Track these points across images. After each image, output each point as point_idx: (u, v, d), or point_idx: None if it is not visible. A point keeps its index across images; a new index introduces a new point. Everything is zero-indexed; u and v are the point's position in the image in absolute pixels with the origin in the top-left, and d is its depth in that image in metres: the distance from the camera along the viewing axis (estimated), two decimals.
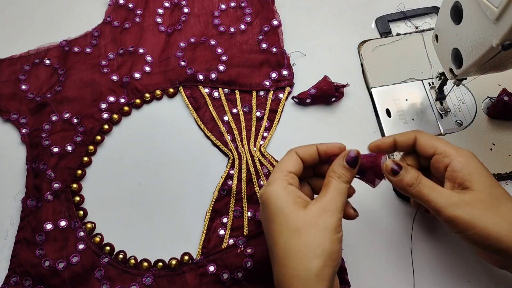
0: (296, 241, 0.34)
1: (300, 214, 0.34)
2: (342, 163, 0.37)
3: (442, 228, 0.46)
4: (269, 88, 0.54)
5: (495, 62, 0.37)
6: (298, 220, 0.34)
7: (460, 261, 0.45)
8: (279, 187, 0.36)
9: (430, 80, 0.53)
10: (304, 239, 0.34)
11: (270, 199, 0.36)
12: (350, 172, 0.37)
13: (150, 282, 0.45)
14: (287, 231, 0.34)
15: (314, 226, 0.34)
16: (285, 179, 0.36)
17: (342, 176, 0.37)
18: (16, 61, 0.59)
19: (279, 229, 0.35)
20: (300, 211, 0.35)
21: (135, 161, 0.52)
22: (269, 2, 0.59)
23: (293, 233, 0.34)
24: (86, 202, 0.50)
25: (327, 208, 0.35)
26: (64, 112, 0.53)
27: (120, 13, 0.61)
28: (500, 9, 0.31)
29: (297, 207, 0.35)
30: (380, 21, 0.58)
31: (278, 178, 0.36)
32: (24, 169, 0.52)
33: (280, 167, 0.38)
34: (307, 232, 0.34)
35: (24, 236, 0.48)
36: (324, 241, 0.34)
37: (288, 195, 0.35)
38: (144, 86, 0.55)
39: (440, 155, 0.37)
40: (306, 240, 0.34)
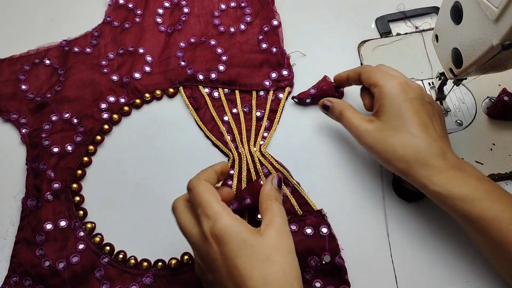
0: (271, 269, 0.32)
1: (263, 241, 0.33)
2: (274, 186, 0.39)
3: (442, 228, 0.46)
4: (269, 88, 0.54)
5: (495, 62, 0.37)
6: (265, 248, 0.33)
7: (460, 261, 0.45)
8: (230, 219, 0.33)
9: (430, 80, 0.53)
10: (278, 265, 0.33)
11: (228, 234, 0.33)
12: (280, 193, 0.39)
13: (150, 282, 0.45)
14: (259, 261, 0.32)
15: (281, 250, 0.34)
16: (229, 209, 0.35)
17: (278, 198, 0.38)
18: (16, 61, 0.59)
19: (249, 262, 0.32)
20: (260, 239, 0.33)
21: (135, 161, 0.52)
22: (269, 2, 0.59)
23: (266, 262, 0.33)
24: (86, 202, 0.50)
25: (283, 231, 0.35)
26: (64, 112, 0.53)
27: (120, 13, 0.61)
28: (500, 9, 0.31)
29: (255, 234, 0.34)
30: (380, 21, 0.58)
31: (224, 210, 0.34)
32: (24, 169, 0.52)
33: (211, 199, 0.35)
34: (278, 258, 0.33)
35: (24, 236, 0.48)
36: (294, 262, 0.34)
37: (243, 225, 0.34)
38: (144, 86, 0.55)
39: (372, 86, 0.43)
40: (281, 265, 0.33)
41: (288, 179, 0.49)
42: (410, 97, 0.41)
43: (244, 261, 0.32)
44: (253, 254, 0.33)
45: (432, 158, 0.39)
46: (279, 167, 0.49)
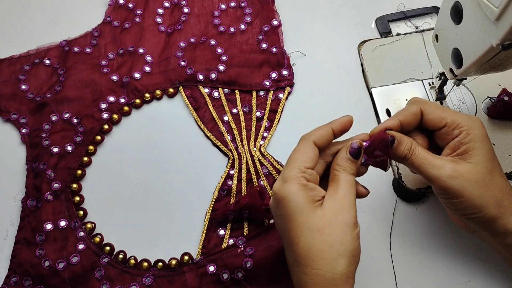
0: (318, 241, 0.33)
1: (319, 212, 0.34)
2: (346, 156, 0.36)
3: (442, 228, 0.46)
4: (269, 88, 0.54)
5: (495, 62, 0.37)
6: (319, 219, 0.33)
7: (460, 261, 0.45)
8: (297, 186, 0.34)
9: (430, 80, 0.53)
10: (326, 238, 0.33)
11: (287, 199, 0.34)
12: (355, 164, 0.36)
13: (150, 282, 0.45)
14: (309, 231, 0.33)
15: (335, 224, 0.33)
16: (303, 177, 0.35)
17: (347, 168, 0.36)
18: (16, 61, 0.59)
19: (299, 229, 0.34)
20: (318, 210, 0.34)
21: (135, 161, 0.52)
22: (269, 2, 0.59)
23: (314, 233, 0.33)
24: (86, 202, 0.50)
25: (343, 204, 0.34)
26: (64, 112, 0.53)
27: (120, 13, 0.61)
28: (500, 9, 0.31)
29: (315, 205, 0.34)
30: (380, 21, 0.58)
31: (294, 177, 0.35)
32: (24, 169, 0.52)
33: (296, 161, 0.35)
34: (329, 231, 0.33)
35: (24, 236, 0.48)
36: (346, 239, 0.33)
37: (307, 194, 0.34)
38: (144, 86, 0.55)
39: (450, 128, 0.37)
40: (328, 239, 0.33)
41: None
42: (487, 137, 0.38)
43: (295, 227, 0.34)
44: (305, 223, 0.33)
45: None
46: (279, 167, 0.50)
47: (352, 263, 0.33)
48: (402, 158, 0.37)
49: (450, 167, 0.36)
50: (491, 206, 0.36)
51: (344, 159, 0.36)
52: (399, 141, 0.37)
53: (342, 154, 0.36)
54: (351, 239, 0.33)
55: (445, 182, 0.36)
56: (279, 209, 0.35)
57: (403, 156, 0.37)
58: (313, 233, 0.33)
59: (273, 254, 0.44)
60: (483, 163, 0.36)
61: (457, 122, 0.37)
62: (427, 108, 0.38)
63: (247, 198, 0.45)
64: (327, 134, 0.37)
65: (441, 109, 0.38)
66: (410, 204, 0.48)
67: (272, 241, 0.45)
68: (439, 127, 0.38)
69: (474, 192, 0.36)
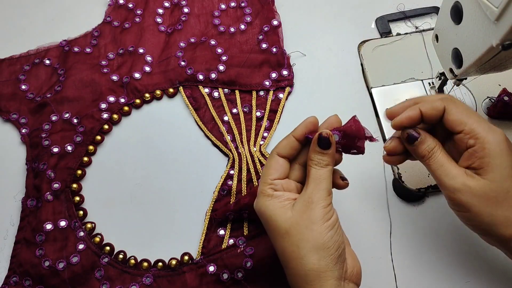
0: (288, 243, 0.34)
1: (288, 214, 0.35)
2: (316, 148, 0.36)
3: (442, 227, 0.46)
4: (269, 88, 0.54)
5: (495, 62, 0.37)
6: (286, 222, 0.35)
7: (460, 261, 0.45)
8: (264, 198, 0.36)
9: (430, 80, 0.53)
10: (293, 239, 0.34)
11: (260, 211, 0.36)
12: (327, 155, 0.36)
13: (150, 282, 0.45)
14: (279, 235, 0.35)
15: (300, 223, 0.34)
16: (270, 188, 0.36)
17: (320, 162, 0.36)
18: (16, 61, 0.59)
19: (273, 235, 0.35)
20: (287, 213, 0.35)
21: (135, 161, 0.52)
22: (269, 2, 0.59)
23: (284, 236, 0.34)
24: (86, 202, 0.50)
25: (309, 201, 0.35)
26: (64, 112, 0.53)
27: (120, 13, 0.61)
28: (500, 9, 0.31)
29: (284, 210, 0.35)
30: (380, 21, 0.58)
31: (262, 190, 0.37)
32: (24, 169, 0.52)
33: (264, 176, 0.37)
34: (295, 232, 0.34)
35: (24, 236, 0.48)
36: (312, 235, 0.34)
37: (274, 203, 0.36)
38: (144, 86, 0.55)
39: (466, 135, 0.35)
40: (295, 239, 0.34)
41: None
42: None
43: (270, 234, 0.36)
44: (276, 228, 0.35)
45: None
46: None
47: (324, 256, 0.33)
48: (421, 157, 0.37)
49: (461, 181, 0.35)
50: (503, 226, 0.34)
51: (313, 152, 0.36)
52: (421, 140, 0.36)
53: (312, 147, 0.36)
54: (318, 234, 0.34)
55: (453, 194, 0.35)
56: (262, 222, 0.37)
57: (421, 156, 0.37)
58: (283, 236, 0.34)
59: (273, 254, 0.43)
60: (499, 182, 0.34)
61: (475, 132, 0.35)
62: (451, 107, 0.36)
63: (247, 198, 0.45)
64: (289, 143, 0.37)
65: (465, 113, 0.36)
66: (410, 204, 0.48)
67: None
68: (456, 130, 0.36)
69: (483, 209, 0.34)
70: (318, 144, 0.36)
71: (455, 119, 0.36)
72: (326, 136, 0.36)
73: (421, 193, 0.47)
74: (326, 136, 0.36)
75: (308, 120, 0.38)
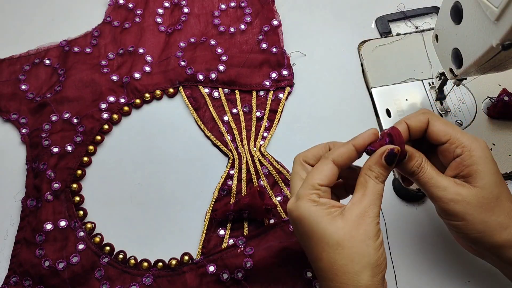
0: (340, 256, 0.32)
1: (338, 224, 0.33)
2: (381, 161, 0.34)
3: (442, 228, 0.46)
4: (269, 88, 0.54)
5: (495, 62, 0.37)
6: (338, 232, 0.32)
7: (460, 261, 0.45)
8: (309, 203, 0.34)
9: (430, 80, 0.53)
10: (347, 252, 0.32)
11: (302, 216, 0.34)
12: (387, 171, 0.34)
13: (150, 282, 0.45)
14: (329, 246, 0.33)
15: (355, 236, 0.32)
16: (315, 193, 0.34)
17: (380, 175, 0.34)
18: (16, 61, 0.59)
19: (320, 245, 0.33)
20: (337, 222, 0.33)
21: (135, 161, 0.52)
22: (269, 2, 0.59)
23: (335, 248, 0.32)
24: (86, 202, 0.50)
25: (366, 215, 0.33)
26: (64, 112, 0.53)
27: (120, 13, 0.61)
28: (500, 9, 0.31)
29: (332, 218, 0.33)
30: (380, 21, 0.58)
31: (306, 194, 0.34)
32: (24, 169, 0.52)
33: (311, 180, 0.35)
34: (350, 245, 0.32)
35: (24, 236, 0.48)
36: (368, 251, 0.32)
37: (320, 208, 0.33)
38: (144, 86, 0.55)
39: (452, 145, 0.36)
40: (350, 253, 0.32)
41: (288, 179, 0.49)
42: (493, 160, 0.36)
43: (315, 243, 0.33)
44: (324, 237, 0.33)
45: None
46: (279, 167, 0.50)
47: (377, 273, 0.32)
48: (410, 173, 0.36)
49: (454, 190, 0.35)
50: (496, 231, 0.34)
51: (378, 164, 0.34)
52: (410, 156, 0.36)
53: (376, 159, 0.34)
54: (373, 250, 0.32)
55: (447, 204, 0.35)
56: (297, 227, 0.35)
57: (411, 172, 0.36)
58: (333, 247, 0.32)
59: (273, 254, 0.44)
60: (489, 188, 0.35)
61: (461, 141, 0.35)
62: (434, 119, 0.37)
63: (247, 198, 0.45)
64: (348, 152, 0.35)
65: (448, 125, 0.37)
66: (410, 204, 0.48)
67: (272, 241, 0.45)
68: (442, 141, 0.36)
69: (476, 217, 0.34)
70: (386, 159, 0.34)
71: (440, 130, 0.36)
72: (397, 152, 0.34)
73: (421, 193, 0.47)
74: (397, 153, 0.34)
75: (370, 131, 0.36)
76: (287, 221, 0.46)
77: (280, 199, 0.48)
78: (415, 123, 0.37)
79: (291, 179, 0.37)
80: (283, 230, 0.46)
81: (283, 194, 0.48)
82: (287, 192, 0.48)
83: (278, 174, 0.49)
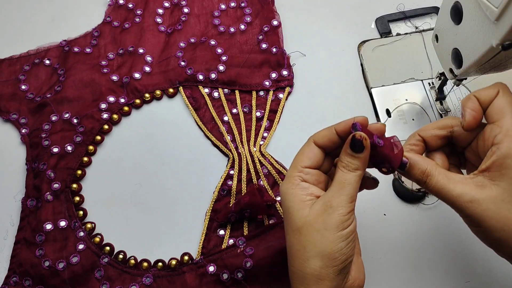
0: (296, 241, 0.33)
1: (304, 212, 0.33)
2: (346, 150, 0.33)
3: (442, 228, 0.46)
4: (269, 88, 0.54)
5: (495, 62, 0.37)
6: (300, 219, 0.33)
7: (460, 261, 0.45)
8: (289, 184, 0.35)
9: (430, 80, 0.53)
10: (302, 239, 0.33)
11: (282, 197, 0.35)
12: (357, 159, 0.33)
13: (150, 282, 0.45)
14: (291, 229, 0.34)
15: (313, 225, 0.33)
16: (298, 176, 0.34)
17: (348, 165, 0.33)
18: (16, 61, 0.59)
19: (286, 227, 0.35)
20: (304, 210, 0.33)
21: (135, 161, 0.52)
22: (269, 2, 0.59)
23: (295, 233, 0.33)
24: (86, 202, 0.50)
25: (328, 205, 0.33)
26: (64, 112, 0.53)
27: (120, 13, 0.61)
28: (500, 9, 0.31)
29: (303, 206, 0.33)
30: (380, 21, 0.58)
31: (290, 175, 0.35)
32: (24, 169, 0.52)
33: (295, 161, 0.35)
34: (306, 232, 0.33)
35: (24, 236, 0.48)
36: (322, 241, 0.32)
37: (296, 193, 0.34)
38: (144, 86, 0.55)
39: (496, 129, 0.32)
40: (304, 240, 0.33)
41: None
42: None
43: (285, 224, 0.35)
44: (289, 221, 0.34)
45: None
46: (279, 167, 0.50)
47: (328, 265, 0.32)
48: (418, 182, 0.34)
49: (469, 197, 0.32)
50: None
51: (344, 153, 0.34)
52: (411, 165, 0.34)
53: (344, 147, 0.34)
54: (329, 242, 0.32)
55: (461, 211, 0.32)
56: (281, 204, 0.37)
57: (417, 180, 0.34)
58: (293, 232, 0.34)
59: (273, 254, 0.44)
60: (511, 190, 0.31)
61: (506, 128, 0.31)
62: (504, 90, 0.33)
63: (247, 197, 0.45)
64: (328, 134, 0.35)
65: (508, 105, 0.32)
66: (410, 204, 0.48)
67: (272, 241, 0.45)
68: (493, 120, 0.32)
69: (494, 224, 0.31)
70: (350, 146, 0.33)
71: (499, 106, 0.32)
72: (359, 138, 0.32)
73: (421, 193, 0.47)
74: (359, 139, 0.32)
75: (356, 118, 0.34)
76: None
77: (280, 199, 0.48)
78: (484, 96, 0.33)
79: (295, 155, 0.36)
80: (283, 230, 0.45)
81: None
82: None
83: (278, 174, 0.49)
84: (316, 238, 0.32)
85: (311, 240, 0.33)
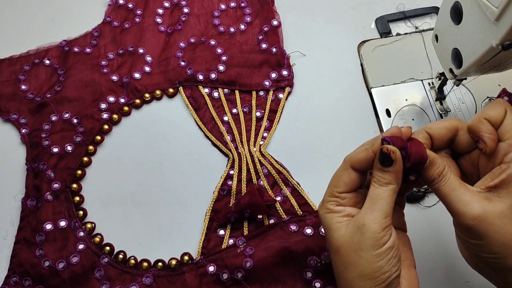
0: (338, 261, 0.33)
1: (341, 232, 0.33)
2: (377, 164, 0.32)
3: (442, 228, 0.46)
4: (269, 88, 0.54)
5: (495, 62, 0.37)
6: (338, 240, 0.33)
7: (460, 261, 0.45)
8: (325, 210, 0.35)
9: (430, 80, 0.53)
10: (343, 260, 0.33)
11: (320, 218, 0.35)
12: (387, 173, 0.32)
13: (150, 282, 0.45)
14: (332, 250, 0.34)
15: (349, 246, 0.32)
16: (335, 201, 0.34)
17: (379, 179, 0.32)
18: (16, 61, 0.59)
19: (328, 247, 0.36)
20: (341, 230, 0.33)
21: (135, 161, 0.52)
22: (269, 2, 0.59)
23: (335, 253, 0.33)
24: (86, 202, 0.50)
25: (361, 223, 0.32)
26: (64, 112, 0.53)
27: (120, 13, 0.61)
28: (500, 9, 0.31)
29: (339, 226, 0.33)
30: (380, 21, 0.58)
31: (326, 200, 0.35)
32: (24, 169, 0.52)
33: (331, 186, 0.35)
34: (344, 253, 0.33)
35: (24, 236, 0.48)
36: (360, 262, 0.32)
37: (332, 217, 0.34)
38: (144, 86, 0.55)
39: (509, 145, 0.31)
40: (344, 261, 0.33)
41: (288, 179, 0.49)
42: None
43: (327, 243, 0.35)
44: (330, 242, 0.34)
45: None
46: (279, 167, 0.50)
47: (371, 285, 0.31)
48: (430, 181, 0.33)
49: (478, 207, 0.31)
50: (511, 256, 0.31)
51: (375, 168, 0.33)
52: (431, 162, 0.32)
53: (374, 162, 0.33)
54: (366, 262, 0.31)
55: (466, 222, 0.31)
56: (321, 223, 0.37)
57: (431, 180, 0.33)
58: (334, 252, 0.34)
59: (273, 254, 0.44)
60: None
61: None
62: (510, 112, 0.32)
63: (247, 197, 0.45)
64: (366, 157, 0.33)
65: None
66: (410, 204, 0.48)
67: (272, 241, 0.45)
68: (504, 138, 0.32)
69: (496, 239, 0.31)
70: (379, 160, 0.32)
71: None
72: (386, 152, 0.32)
73: (421, 193, 0.47)
74: (386, 152, 0.32)
75: (389, 131, 0.33)
76: (287, 221, 0.46)
77: (280, 199, 0.48)
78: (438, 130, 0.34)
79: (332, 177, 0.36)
80: (283, 230, 0.46)
81: (283, 194, 0.48)
82: (287, 192, 0.48)
83: (278, 174, 0.49)
84: (354, 259, 0.32)
85: (350, 261, 0.32)
